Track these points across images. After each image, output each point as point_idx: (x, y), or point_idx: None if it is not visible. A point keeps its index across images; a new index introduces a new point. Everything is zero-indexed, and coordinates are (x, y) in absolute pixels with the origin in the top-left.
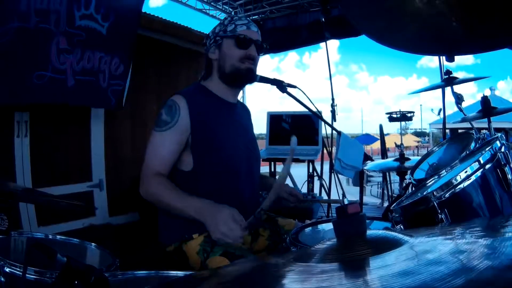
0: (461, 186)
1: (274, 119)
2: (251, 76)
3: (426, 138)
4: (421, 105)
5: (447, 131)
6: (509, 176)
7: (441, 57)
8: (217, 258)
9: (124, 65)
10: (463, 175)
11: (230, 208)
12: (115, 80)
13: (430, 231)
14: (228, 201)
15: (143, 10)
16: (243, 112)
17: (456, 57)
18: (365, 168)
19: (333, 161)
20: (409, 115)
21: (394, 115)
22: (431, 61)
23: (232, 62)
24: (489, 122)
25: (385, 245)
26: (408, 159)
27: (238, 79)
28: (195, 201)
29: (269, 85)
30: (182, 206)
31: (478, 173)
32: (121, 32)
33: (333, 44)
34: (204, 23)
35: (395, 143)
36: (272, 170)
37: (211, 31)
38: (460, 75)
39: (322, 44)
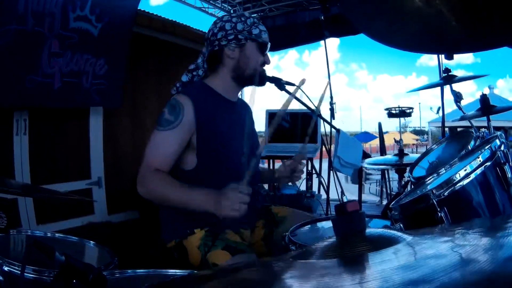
0: (461, 184)
1: (273, 117)
2: (264, 80)
3: (425, 136)
4: (419, 103)
5: (446, 129)
6: (508, 175)
7: (440, 55)
8: (218, 252)
9: (109, 65)
10: (462, 173)
11: (230, 186)
12: (99, 79)
13: (429, 231)
14: None
15: (143, 9)
16: (244, 110)
17: (455, 56)
18: (364, 164)
19: (332, 159)
20: (408, 111)
21: (393, 111)
22: (430, 60)
23: (255, 65)
24: (488, 120)
25: (384, 242)
26: (407, 154)
27: (253, 81)
28: (198, 191)
29: (268, 83)
30: (186, 198)
31: (478, 171)
32: (113, 33)
33: (333, 42)
34: (203, 21)
35: (394, 138)
36: (271, 167)
37: (227, 24)
38: (459, 73)
39: (322, 42)
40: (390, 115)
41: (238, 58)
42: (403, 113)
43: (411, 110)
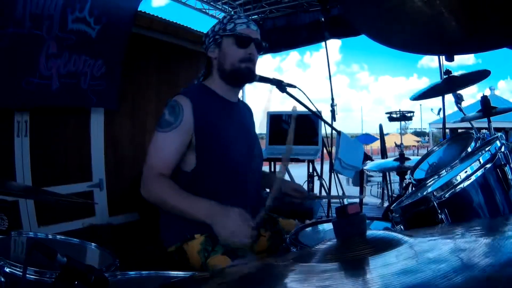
0: (461, 186)
1: (274, 119)
2: (251, 76)
3: (426, 138)
4: (420, 104)
5: (447, 131)
6: (509, 176)
7: (441, 56)
8: (218, 257)
9: (107, 67)
10: (463, 175)
11: (238, 209)
12: (96, 81)
13: (429, 232)
14: (231, 201)
15: (144, 10)
16: (245, 111)
17: (457, 57)
18: (365, 168)
19: (333, 161)
20: (408, 115)
21: (394, 115)
22: (431, 61)
23: (232, 61)
24: (489, 122)
25: (385, 245)
26: (408, 159)
27: (238, 79)
28: (202, 203)
29: (269, 85)
30: (188, 208)
31: (478, 173)
32: (111, 35)
33: (335, 43)
34: (204, 23)
35: (395, 142)
36: (272, 170)
37: (210, 29)
38: None
39: (323, 44)
40: (391, 119)
41: (218, 57)
42: (403, 117)
43: (411, 114)
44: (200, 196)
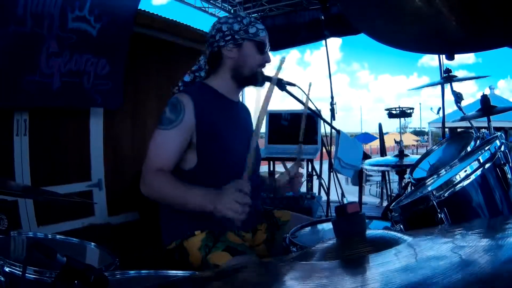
0: (461, 185)
1: (273, 118)
2: (263, 80)
3: (425, 137)
4: (420, 103)
5: (447, 130)
6: (508, 176)
7: (441, 55)
8: (219, 253)
9: (111, 66)
10: (462, 174)
11: (233, 184)
12: (100, 80)
13: (429, 232)
14: None
15: (144, 8)
16: (244, 111)
17: (457, 56)
18: (363, 165)
19: (332, 160)
20: (408, 111)
21: (394, 111)
22: (432, 60)
23: (251, 65)
24: (489, 121)
25: (385, 244)
26: (407, 155)
27: (252, 82)
28: (198, 189)
29: (267, 83)
30: (187, 196)
31: (478, 172)
32: (112, 33)
33: (335, 42)
34: (203, 21)
35: (394, 139)
36: (271, 169)
37: (223, 24)
38: (461, 74)
39: (324, 42)
40: (391, 115)
41: (237, 58)
42: (403, 113)
43: (411, 110)
44: None
